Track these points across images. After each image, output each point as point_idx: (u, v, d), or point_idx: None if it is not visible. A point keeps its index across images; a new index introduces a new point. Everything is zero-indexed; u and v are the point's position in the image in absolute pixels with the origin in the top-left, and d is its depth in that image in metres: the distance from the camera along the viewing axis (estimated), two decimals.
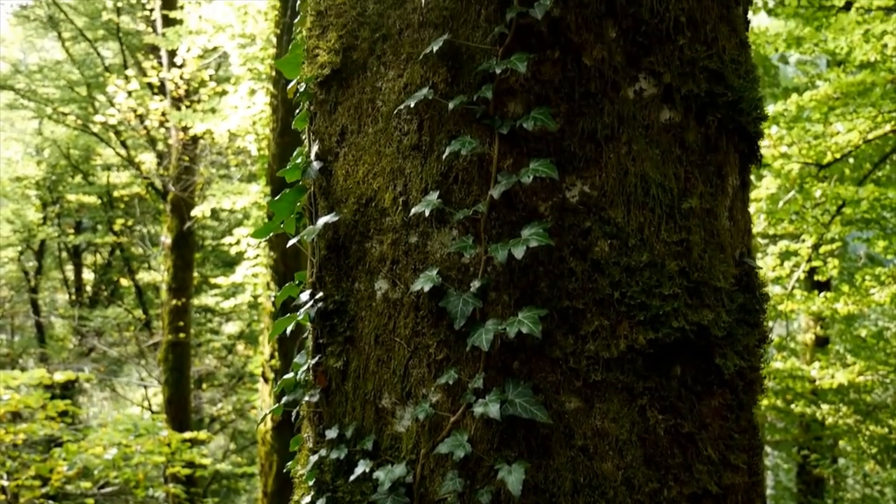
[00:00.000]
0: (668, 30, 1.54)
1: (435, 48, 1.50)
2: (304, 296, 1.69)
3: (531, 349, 1.45)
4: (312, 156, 1.71)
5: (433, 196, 1.51)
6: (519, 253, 1.41)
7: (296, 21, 1.93)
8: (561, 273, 1.47)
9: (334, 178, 1.67)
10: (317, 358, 1.64)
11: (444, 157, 1.51)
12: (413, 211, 1.51)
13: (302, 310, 1.67)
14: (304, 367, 1.67)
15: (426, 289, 1.48)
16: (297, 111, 1.82)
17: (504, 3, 1.50)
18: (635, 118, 1.51)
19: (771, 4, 7.39)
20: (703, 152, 1.57)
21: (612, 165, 1.49)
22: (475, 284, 1.47)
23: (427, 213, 1.49)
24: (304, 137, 1.79)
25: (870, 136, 7.63)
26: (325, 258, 1.68)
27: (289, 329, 1.75)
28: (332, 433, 1.59)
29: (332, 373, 1.63)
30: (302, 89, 1.75)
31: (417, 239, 1.55)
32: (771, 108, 8.01)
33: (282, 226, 1.79)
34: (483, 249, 1.48)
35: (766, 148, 8.03)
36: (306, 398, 1.65)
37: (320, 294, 1.65)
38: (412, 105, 1.51)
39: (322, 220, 1.63)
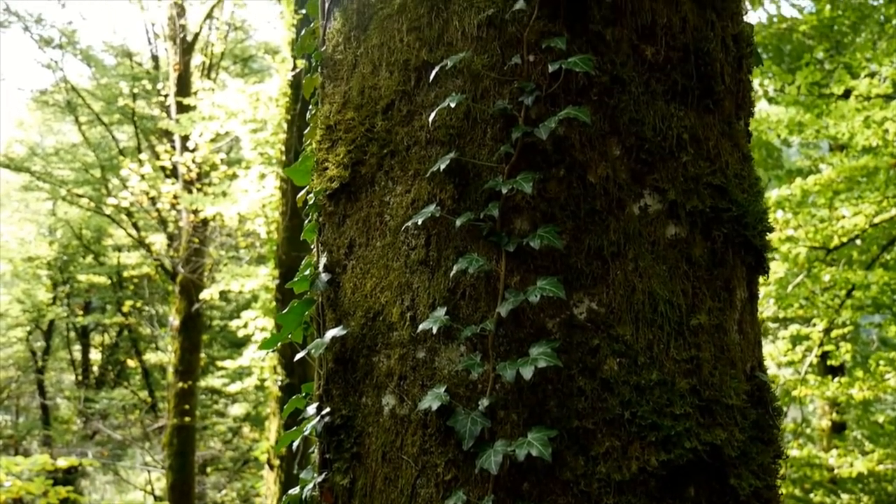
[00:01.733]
0: (671, 147, 1.56)
1: (442, 166, 1.53)
2: (311, 409, 1.68)
3: (541, 471, 1.42)
4: (321, 267, 1.72)
5: (440, 312, 1.51)
6: (527, 373, 1.40)
7: (306, 132, 1.97)
8: (570, 392, 1.45)
9: (342, 291, 1.68)
10: (323, 475, 1.61)
11: (451, 274, 1.51)
12: (420, 327, 1.51)
13: (309, 424, 1.65)
14: (311, 485, 1.64)
15: (434, 407, 1.46)
16: (307, 221, 1.84)
17: (509, 122, 1.53)
18: (641, 235, 1.52)
19: (771, 93, 7.54)
20: (710, 267, 1.57)
21: (619, 282, 1.49)
22: (483, 403, 1.45)
23: (434, 330, 1.49)
24: (312, 248, 1.81)
25: (876, 220, 7.66)
26: (333, 371, 1.67)
27: (297, 439, 1.72)
28: None
29: (339, 490, 1.60)
30: (311, 201, 1.78)
31: (425, 355, 1.54)
32: (775, 192, 8.07)
33: (290, 336, 1.79)
34: (491, 367, 1.47)
35: (773, 231, 8.04)
36: None
37: (327, 409, 1.63)
38: (420, 222, 1.53)
39: (330, 334, 1.63)
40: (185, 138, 11.65)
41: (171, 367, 12.07)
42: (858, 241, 8.76)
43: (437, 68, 1.56)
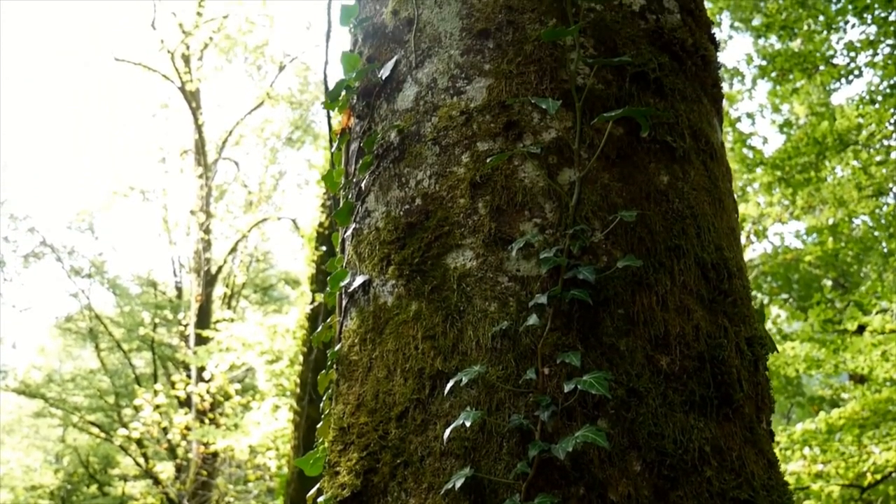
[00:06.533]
0: (693, 461, 1.51)
1: (457, 484, 1.48)
2: None
3: None
4: None
5: None
6: None
7: (318, 426, 1.95)
8: None
9: None
10: None
11: None
12: None
13: None
14: None
15: None
16: None
17: (526, 436, 1.50)
18: None
19: (786, 329, 7.58)
20: None
21: None
22: None
23: None
24: None
25: None
26: None
27: None
28: None
29: None
30: None
31: None
32: (800, 426, 7.86)
33: None
34: None
35: (801, 468, 7.75)
36: None
37: None
38: None
39: None
40: (201, 369, 11.71)
41: None
42: (894, 473, 8.37)
43: (451, 382, 1.55)
